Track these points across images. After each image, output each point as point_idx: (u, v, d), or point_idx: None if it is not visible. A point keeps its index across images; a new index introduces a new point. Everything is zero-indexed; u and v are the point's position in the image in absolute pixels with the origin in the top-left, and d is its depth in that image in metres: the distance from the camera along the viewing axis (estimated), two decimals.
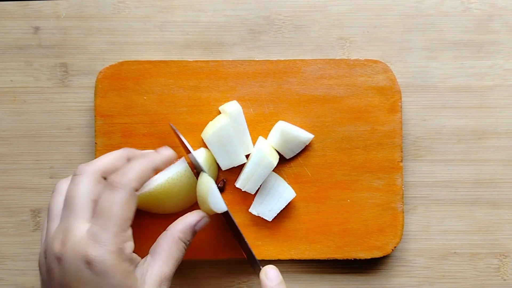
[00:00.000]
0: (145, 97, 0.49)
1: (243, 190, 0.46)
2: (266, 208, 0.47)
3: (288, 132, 0.46)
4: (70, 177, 0.40)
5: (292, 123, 0.48)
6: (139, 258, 0.39)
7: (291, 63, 0.49)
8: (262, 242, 0.48)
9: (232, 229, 0.46)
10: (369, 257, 0.48)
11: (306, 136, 0.47)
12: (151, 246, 0.41)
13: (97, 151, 0.48)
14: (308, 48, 0.50)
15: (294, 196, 0.47)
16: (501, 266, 0.50)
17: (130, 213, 0.38)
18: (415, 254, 0.50)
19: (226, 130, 0.46)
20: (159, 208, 0.47)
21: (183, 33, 0.51)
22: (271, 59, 0.49)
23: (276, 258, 0.48)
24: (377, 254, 0.48)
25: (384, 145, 0.48)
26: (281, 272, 0.50)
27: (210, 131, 0.46)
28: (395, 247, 0.48)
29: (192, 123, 0.49)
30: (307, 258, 0.48)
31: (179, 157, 0.48)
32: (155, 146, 0.48)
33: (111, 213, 0.37)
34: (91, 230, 0.36)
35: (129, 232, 0.38)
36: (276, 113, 0.49)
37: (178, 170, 0.45)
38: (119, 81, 0.49)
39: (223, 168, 0.47)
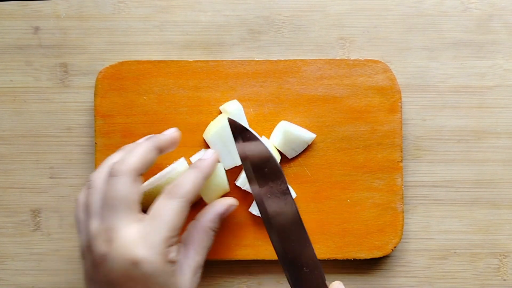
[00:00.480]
0: (145, 97, 0.49)
1: (243, 188, 0.46)
2: None
3: (291, 132, 0.46)
4: (102, 171, 0.41)
5: (292, 123, 0.48)
6: (178, 255, 0.40)
7: (291, 63, 0.49)
8: (262, 242, 0.48)
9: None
10: (369, 257, 0.48)
11: (308, 135, 0.47)
12: (182, 235, 0.43)
13: (97, 151, 0.48)
14: (308, 48, 0.50)
15: (294, 197, 0.47)
16: (501, 266, 0.50)
17: (181, 222, 0.39)
18: (415, 254, 0.50)
19: (228, 129, 0.46)
20: None
21: (183, 33, 0.51)
22: (271, 59, 0.49)
23: (276, 258, 0.48)
24: (377, 254, 0.48)
25: (384, 145, 0.48)
26: (281, 272, 0.50)
27: (211, 131, 0.46)
28: (395, 247, 0.48)
29: (192, 123, 0.49)
30: None
31: (179, 157, 0.48)
32: None
33: (164, 218, 0.38)
34: (143, 230, 0.38)
35: (176, 239, 0.39)
36: (276, 113, 0.49)
37: (178, 170, 0.45)
38: (119, 81, 0.49)
39: (226, 167, 0.47)
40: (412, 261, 0.50)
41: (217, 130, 0.46)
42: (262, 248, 0.48)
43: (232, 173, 0.48)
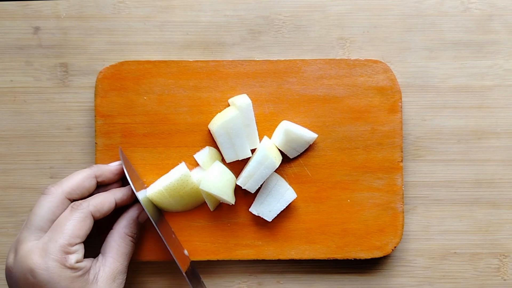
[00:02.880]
0: (145, 97, 0.49)
1: (243, 187, 0.46)
2: (267, 208, 0.47)
3: (292, 132, 0.46)
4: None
5: (294, 123, 0.48)
6: (88, 265, 0.42)
7: (291, 63, 0.49)
8: (262, 242, 0.48)
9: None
10: (369, 257, 0.48)
11: (310, 135, 0.47)
12: (103, 245, 0.45)
13: (97, 151, 0.48)
14: (308, 48, 0.50)
15: (294, 198, 0.47)
16: (501, 266, 0.50)
17: (81, 231, 0.42)
18: (415, 254, 0.50)
19: (235, 122, 0.46)
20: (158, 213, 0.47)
21: (183, 33, 0.51)
22: (271, 59, 0.49)
23: (276, 258, 0.48)
24: (377, 254, 0.48)
25: (384, 145, 0.48)
26: (281, 272, 0.50)
27: (218, 122, 0.46)
28: (395, 247, 0.48)
29: (192, 123, 0.49)
30: (307, 258, 0.48)
31: (179, 157, 0.48)
32: (155, 146, 0.48)
33: (63, 228, 0.41)
34: (41, 241, 0.41)
35: (77, 247, 0.41)
36: (276, 113, 0.49)
37: (175, 177, 0.46)
38: (119, 81, 0.49)
39: (228, 160, 0.47)
40: (412, 261, 0.50)
41: (224, 122, 0.46)
42: (262, 248, 0.48)
43: (232, 169, 0.48)
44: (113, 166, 0.46)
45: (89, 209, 0.42)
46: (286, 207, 0.47)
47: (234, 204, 0.47)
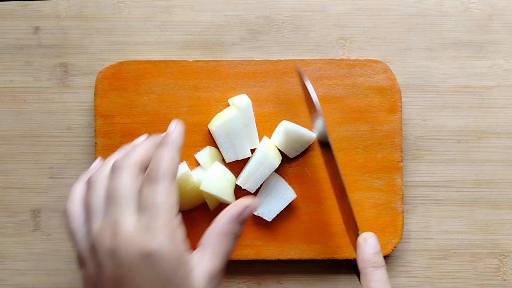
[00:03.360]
0: (145, 97, 0.49)
1: (243, 188, 0.46)
2: (266, 208, 0.47)
3: (292, 132, 0.46)
4: (103, 171, 0.40)
5: (294, 123, 0.48)
6: (190, 249, 0.38)
7: (291, 63, 0.49)
8: (262, 242, 0.48)
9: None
10: None
11: (309, 135, 0.47)
12: (201, 239, 0.40)
13: (97, 151, 0.48)
14: (308, 48, 0.50)
15: (294, 197, 0.47)
16: (501, 266, 0.50)
17: (174, 199, 0.38)
18: (415, 254, 0.50)
19: (234, 122, 0.46)
20: None
21: (183, 33, 0.51)
22: (271, 59, 0.49)
23: (276, 258, 0.48)
24: None
25: (384, 145, 0.48)
26: (281, 272, 0.50)
27: (217, 122, 0.46)
28: (395, 247, 0.48)
29: (192, 123, 0.49)
30: (307, 258, 0.48)
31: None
32: None
33: (156, 203, 0.37)
34: (141, 222, 0.36)
35: (178, 219, 0.37)
36: (276, 113, 0.49)
37: (182, 171, 0.46)
38: (119, 81, 0.49)
39: (228, 160, 0.47)
40: (412, 261, 0.50)
41: (224, 122, 0.46)
42: (262, 248, 0.48)
43: (235, 170, 0.48)
44: (181, 131, 0.42)
45: (169, 175, 0.38)
46: (286, 207, 0.47)
47: None
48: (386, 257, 0.50)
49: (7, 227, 0.51)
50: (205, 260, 0.38)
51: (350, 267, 0.50)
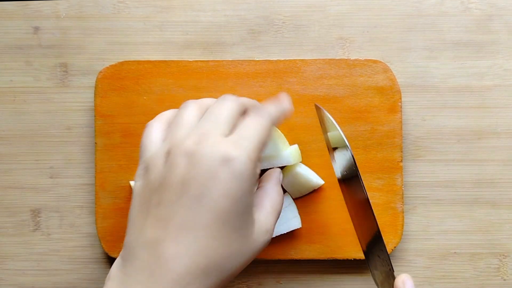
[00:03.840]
0: (145, 97, 0.49)
1: None
2: None
3: (301, 175, 0.46)
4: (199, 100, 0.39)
5: (292, 123, 0.48)
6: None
7: (291, 63, 0.49)
8: None
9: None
10: None
11: (316, 181, 0.47)
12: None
13: (97, 151, 0.48)
14: (308, 48, 0.50)
15: (299, 227, 0.47)
16: (501, 266, 0.50)
17: (267, 140, 0.37)
18: (415, 254, 0.50)
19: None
20: None
21: (183, 33, 0.51)
22: (271, 59, 0.49)
23: (276, 258, 0.48)
24: None
25: (384, 145, 0.48)
26: (281, 272, 0.50)
27: None
28: (395, 247, 0.48)
29: None
30: (307, 258, 0.48)
31: None
32: None
33: (252, 131, 0.36)
34: (232, 137, 0.35)
35: (261, 158, 0.37)
36: None
37: None
38: (119, 81, 0.49)
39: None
40: (412, 261, 0.50)
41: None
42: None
43: None
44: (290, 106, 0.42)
45: (271, 118, 0.38)
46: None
47: None
48: None
49: (7, 227, 0.51)
50: (269, 194, 0.39)
51: (351, 268, 0.50)
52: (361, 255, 0.48)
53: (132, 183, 0.48)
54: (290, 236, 0.48)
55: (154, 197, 0.35)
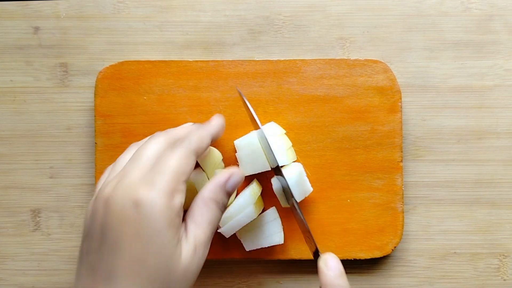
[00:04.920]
0: (145, 97, 0.49)
1: (218, 230, 0.44)
2: (250, 238, 0.46)
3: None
4: (142, 141, 0.41)
5: (292, 123, 0.48)
6: (182, 211, 0.37)
7: (291, 63, 0.49)
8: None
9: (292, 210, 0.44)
10: (369, 257, 0.48)
11: (308, 188, 0.46)
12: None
13: (97, 151, 0.48)
14: (308, 48, 0.50)
15: (280, 243, 0.46)
16: (501, 266, 0.50)
17: (186, 168, 0.37)
18: (415, 254, 0.50)
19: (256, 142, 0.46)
20: None
21: (183, 33, 0.51)
22: (271, 59, 0.49)
23: (276, 258, 0.48)
24: (377, 254, 0.48)
25: (384, 145, 0.48)
26: (281, 272, 0.50)
27: (242, 138, 0.46)
28: (395, 247, 0.48)
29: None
30: (307, 258, 0.48)
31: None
32: None
33: (167, 163, 0.37)
34: (147, 176, 0.36)
35: (183, 187, 0.37)
36: (276, 113, 0.49)
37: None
38: (119, 81, 0.49)
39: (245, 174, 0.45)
40: (412, 261, 0.50)
41: (247, 139, 0.46)
42: (262, 248, 0.48)
43: None
44: (218, 123, 0.44)
45: (191, 147, 0.38)
46: (287, 208, 0.47)
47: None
48: (386, 257, 0.50)
49: (7, 227, 0.51)
50: (189, 231, 0.38)
51: (351, 268, 0.50)
52: (361, 255, 0.48)
53: None
54: (290, 236, 0.48)
55: (84, 244, 0.36)
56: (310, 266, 0.50)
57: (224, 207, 0.40)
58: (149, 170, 0.37)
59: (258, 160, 0.45)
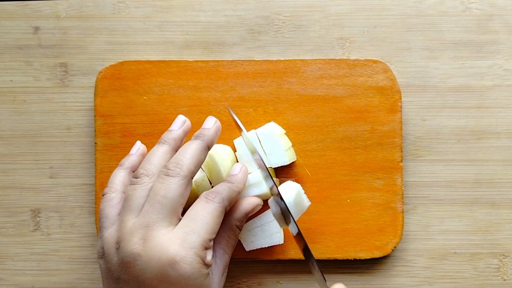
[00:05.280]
0: (145, 97, 0.49)
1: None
2: (251, 238, 0.46)
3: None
4: (152, 169, 0.40)
5: (292, 123, 0.48)
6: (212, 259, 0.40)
7: (291, 63, 0.49)
8: None
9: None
10: (369, 257, 0.48)
11: (304, 204, 0.45)
12: None
13: (97, 151, 0.48)
14: (308, 48, 0.50)
15: (281, 243, 0.46)
16: (501, 266, 0.50)
17: (217, 226, 0.39)
18: (415, 254, 0.50)
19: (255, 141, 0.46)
20: None
21: (183, 33, 0.51)
22: (271, 59, 0.49)
23: (276, 258, 0.48)
24: (377, 254, 0.48)
25: (384, 145, 0.48)
26: (281, 272, 0.50)
27: (241, 138, 0.46)
28: (395, 247, 0.48)
29: (192, 123, 0.48)
30: None
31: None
32: None
33: (203, 220, 0.38)
34: (180, 230, 0.37)
35: (212, 243, 0.39)
36: (276, 113, 0.49)
37: (195, 179, 0.45)
38: (119, 81, 0.49)
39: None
40: (412, 261, 0.50)
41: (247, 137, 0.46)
42: (262, 248, 0.48)
43: None
44: (214, 127, 0.43)
45: (224, 204, 0.39)
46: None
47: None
48: (386, 257, 0.50)
49: (7, 227, 0.51)
50: (217, 256, 0.41)
51: (351, 268, 0.50)
52: (361, 255, 0.48)
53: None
54: (290, 236, 0.48)
55: (116, 286, 0.38)
56: (310, 266, 0.50)
57: (240, 230, 0.44)
58: (175, 220, 0.38)
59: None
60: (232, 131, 0.48)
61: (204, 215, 0.38)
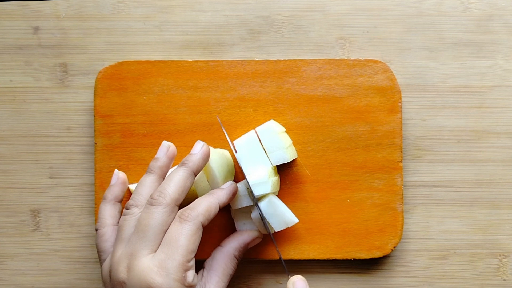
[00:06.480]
0: (145, 97, 0.49)
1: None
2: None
3: (276, 206, 0.45)
4: (140, 200, 0.42)
5: (292, 123, 0.48)
6: (196, 278, 0.40)
7: (291, 63, 0.49)
8: (262, 242, 0.48)
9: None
10: (368, 257, 0.48)
11: (291, 218, 0.45)
12: (206, 260, 0.45)
13: (97, 151, 0.48)
14: (308, 48, 0.50)
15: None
16: (501, 266, 0.50)
17: (195, 244, 0.40)
18: (415, 254, 0.50)
19: (255, 141, 0.46)
20: None
21: (183, 33, 0.51)
22: (271, 59, 0.49)
23: (276, 258, 0.48)
24: (377, 254, 0.48)
25: (384, 145, 0.48)
26: (281, 272, 0.50)
27: (241, 138, 0.46)
28: (394, 247, 0.48)
29: (192, 123, 0.49)
30: (307, 258, 0.48)
31: (182, 158, 0.47)
32: (155, 146, 0.48)
33: (178, 243, 0.39)
34: (157, 257, 0.38)
35: (193, 262, 0.40)
36: (276, 113, 0.49)
37: (195, 179, 0.45)
38: (118, 81, 0.49)
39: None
40: (412, 261, 0.50)
41: (247, 138, 0.46)
42: (262, 248, 0.48)
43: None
44: (201, 153, 0.43)
45: (199, 220, 0.40)
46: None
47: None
48: (386, 257, 0.50)
49: (7, 227, 0.51)
50: (212, 283, 0.42)
51: (351, 268, 0.50)
52: (360, 255, 0.48)
53: (131, 186, 0.48)
54: (290, 236, 0.48)
55: None
56: (310, 266, 0.50)
57: (239, 263, 0.45)
58: (158, 248, 0.39)
59: (258, 159, 0.45)
60: (232, 132, 0.49)
61: (178, 238, 0.39)
